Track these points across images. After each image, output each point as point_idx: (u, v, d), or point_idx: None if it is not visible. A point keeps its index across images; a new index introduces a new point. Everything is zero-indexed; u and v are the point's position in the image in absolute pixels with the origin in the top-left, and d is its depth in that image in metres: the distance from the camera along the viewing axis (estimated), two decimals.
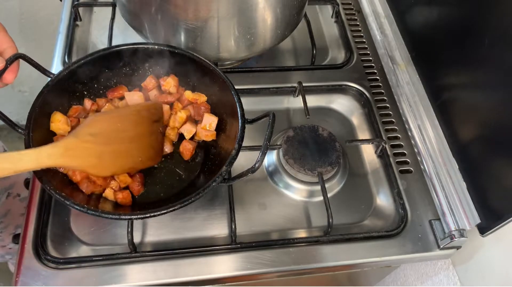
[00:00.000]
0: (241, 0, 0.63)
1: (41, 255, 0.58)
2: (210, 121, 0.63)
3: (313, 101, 0.78)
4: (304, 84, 0.76)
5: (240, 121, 0.58)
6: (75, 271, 0.57)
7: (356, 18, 0.91)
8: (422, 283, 0.76)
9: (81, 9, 0.84)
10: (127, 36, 0.80)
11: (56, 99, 0.59)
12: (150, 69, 0.66)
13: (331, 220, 0.61)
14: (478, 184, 0.63)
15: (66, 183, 0.57)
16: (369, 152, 0.74)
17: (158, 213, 0.51)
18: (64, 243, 0.60)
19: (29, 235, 0.59)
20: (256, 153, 0.70)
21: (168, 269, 0.58)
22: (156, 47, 0.63)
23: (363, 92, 0.79)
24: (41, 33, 1.28)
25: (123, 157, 0.58)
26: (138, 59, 0.65)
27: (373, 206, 0.69)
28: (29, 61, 0.57)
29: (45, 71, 0.59)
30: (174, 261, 0.59)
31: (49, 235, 0.60)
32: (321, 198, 0.64)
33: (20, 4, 1.21)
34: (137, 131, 0.60)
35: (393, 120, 0.76)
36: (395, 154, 0.72)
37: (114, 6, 0.82)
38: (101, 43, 0.83)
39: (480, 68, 0.61)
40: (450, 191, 0.65)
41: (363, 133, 0.76)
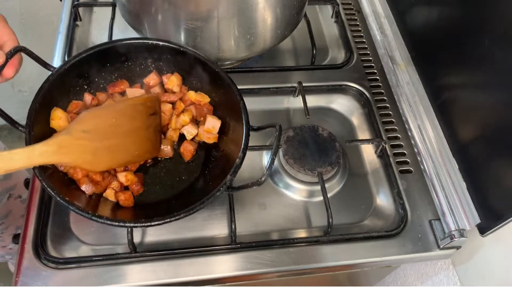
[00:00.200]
0: (241, 0, 0.63)
1: (41, 255, 0.58)
2: (213, 124, 0.63)
3: (313, 101, 0.78)
4: (304, 84, 0.76)
5: (244, 128, 0.57)
6: (75, 271, 0.57)
7: (356, 18, 0.91)
8: (422, 283, 0.76)
9: (81, 9, 0.84)
10: (127, 36, 0.79)
11: (56, 94, 0.59)
12: (153, 65, 0.66)
13: (331, 220, 0.61)
14: (478, 184, 0.63)
15: (66, 182, 0.57)
16: (369, 152, 0.74)
17: (162, 221, 0.50)
18: (64, 243, 0.60)
19: (29, 235, 0.59)
20: (256, 153, 0.71)
21: (168, 269, 0.58)
22: (161, 43, 0.62)
23: (363, 92, 0.79)
24: (41, 33, 1.28)
25: (119, 151, 0.58)
26: (141, 54, 0.64)
27: (373, 206, 0.69)
28: (30, 54, 0.55)
29: (46, 65, 0.58)
30: (174, 261, 0.59)
31: (49, 235, 0.60)
32: (321, 198, 0.64)
33: (20, 4, 1.21)
34: (133, 125, 0.59)
35: (393, 120, 0.76)
36: (395, 154, 0.72)
37: (114, 6, 0.82)
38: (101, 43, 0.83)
39: (480, 68, 0.61)
40: (450, 191, 0.65)
41: (363, 133, 0.76)
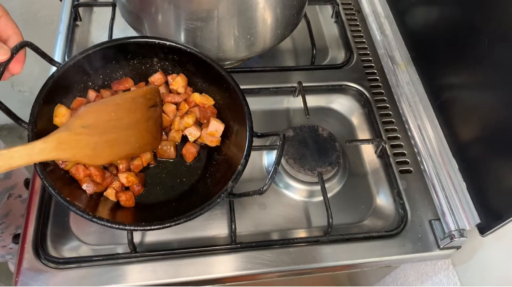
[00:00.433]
0: (241, 0, 0.63)
1: (41, 255, 0.58)
2: (216, 127, 0.62)
3: (313, 101, 0.78)
4: (304, 84, 0.76)
5: (248, 134, 0.56)
6: (75, 271, 0.57)
7: (356, 18, 0.91)
8: (422, 283, 0.76)
9: (81, 9, 0.84)
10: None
11: (60, 91, 0.58)
12: (158, 64, 0.65)
13: (331, 220, 0.61)
14: (478, 184, 0.63)
15: (67, 181, 0.56)
16: (369, 152, 0.74)
17: (162, 226, 0.50)
18: (64, 243, 0.60)
19: (29, 235, 0.59)
20: (256, 153, 0.71)
21: (168, 269, 0.58)
22: (168, 43, 0.61)
23: (363, 92, 0.79)
24: (41, 33, 1.28)
25: (119, 145, 0.58)
26: (147, 53, 0.63)
27: (373, 206, 0.69)
28: (36, 49, 0.55)
29: (51, 60, 0.58)
30: (174, 261, 0.59)
31: (49, 235, 0.60)
32: (321, 198, 0.64)
33: (20, 4, 1.21)
34: (133, 119, 0.59)
35: (393, 120, 0.76)
36: (395, 154, 0.72)
37: (114, 6, 0.82)
38: None
39: (480, 68, 0.61)
40: (450, 191, 0.65)
41: (363, 133, 0.76)
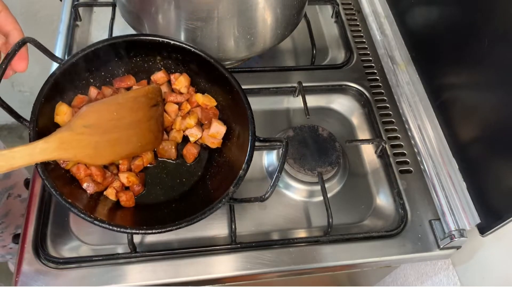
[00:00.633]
0: (241, 0, 0.63)
1: (41, 255, 0.58)
2: (218, 129, 0.62)
3: (313, 101, 0.78)
4: (304, 84, 0.76)
5: (250, 139, 0.56)
6: (75, 271, 0.57)
7: (356, 18, 0.91)
8: (422, 283, 0.76)
9: (81, 9, 0.84)
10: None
11: (62, 88, 0.58)
12: (161, 62, 0.65)
13: (331, 220, 0.61)
14: (478, 184, 0.63)
15: (68, 180, 0.56)
16: (369, 152, 0.74)
17: (164, 230, 0.50)
18: (64, 243, 0.60)
19: (29, 235, 0.59)
20: (256, 153, 0.70)
21: (168, 269, 0.58)
22: (172, 42, 0.60)
23: (363, 92, 0.79)
24: (41, 33, 1.28)
25: (121, 144, 0.58)
26: (150, 51, 0.63)
27: (373, 206, 0.69)
28: (38, 46, 0.54)
29: (53, 57, 0.57)
30: (174, 261, 0.59)
31: (49, 235, 0.60)
32: (321, 198, 0.64)
33: (20, 4, 1.21)
34: (134, 118, 0.59)
35: (393, 120, 0.76)
36: (395, 154, 0.72)
37: (114, 6, 0.82)
38: None
39: (480, 68, 0.61)
40: (450, 191, 0.65)
41: (363, 133, 0.76)
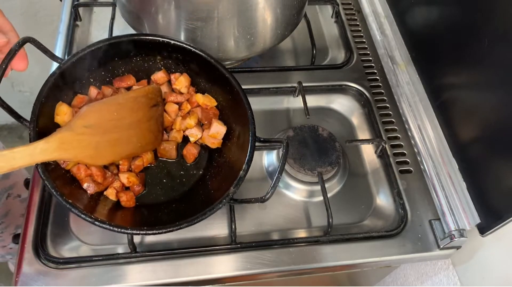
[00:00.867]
0: (241, 0, 0.63)
1: (41, 255, 0.58)
2: (218, 130, 0.62)
3: (313, 101, 0.78)
4: (304, 84, 0.76)
5: (250, 139, 0.56)
6: (75, 271, 0.57)
7: (356, 18, 0.91)
8: (422, 283, 0.76)
9: (81, 9, 0.84)
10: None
11: (62, 88, 0.58)
12: (162, 62, 0.65)
13: (331, 220, 0.61)
14: (478, 184, 0.63)
15: (68, 180, 0.56)
16: (369, 152, 0.74)
17: (164, 231, 0.50)
18: (64, 243, 0.60)
19: (29, 235, 0.59)
20: (256, 153, 0.70)
21: (168, 269, 0.58)
22: (172, 41, 0.61)
23: (363, 92, 0.79)
24: (41, 33, 1.28)
25: (121, 144, 0.58)
26: (151, 50, 0.63)
27: (373, 206, 0.69)
28: (38, 45, 0.54)
29: (53, 56, 0.57)
30: (174, 261, 0.59)
31: (49, 235, 0.60)
32: (321, 198, 0.64)
33: (20, 4, 1.21)
34: (134, 118, 0.59)
35: (393, 120, 0.76)
36: (395, 154, 0.72)
37: (114, 6, 0.82)
38: None
39: (480, 68, 0.61)
40: (450, 191, 0.65)
41: (363, 133, 0.76)
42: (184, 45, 0.61)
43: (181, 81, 0.64)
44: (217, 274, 0.59)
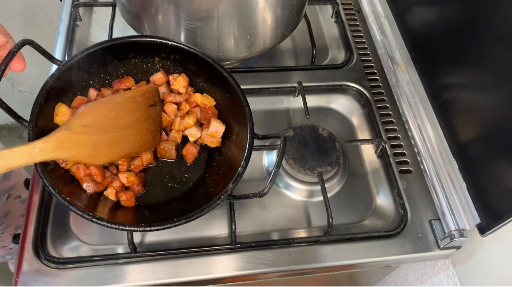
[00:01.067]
0: (241, 0, 0.63)
1: (41, 255, 0.58)
2: (217, 128, 0.62)
3: (313, 101, 0.78)
4: (304, 84, 0.76)
5: (249, 136, 0.56)
6: (75, 271, 0.57)
7: (356, 18, 0.91)
8: (422, 283, 0.76)
9: (81, 9, 0.84)
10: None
11: (61, 89, 0.58)
12: (160, 63, 0.65)
13: (331, 220, 0.61)
14: (478, 184, 0.63)
15: (67, 180, 0.56)
16: (369, 152, 0.74)
17: (162, 227, 0.50)
18: (64, 243, 0.60)
19: (29, 235, 0.59)
20: (256, 153, 0.70)
21: (168, 269, 0.58)
22: (169, 43, 0.61)
23: (363, 92, 0.79)
24: (41, 33, 1.28)
25: (119, 144, 0.58)
26: (149, 52, 0.63)
27: (373, 206, 0.69)
28: (37, 48, 0.55)
29: (52, 59, 0.58)
30: (174, 261, 0.59)
31: (49, 235, 0.60)
32: (321, 198, 0.64)
33: (20, 4, 1.21)
34: (132, 118, 0.59)
35: (393, 120, 0.76)
36: (395, 154, 0.72)
37: (114, 6, 0.82)
38: None
39: (480, 68, 0.61)
40: (450, 191, 0.65)
41: (363, 133, 0.76)
42: (182, 45, 0.61)
43: (180, 81, 0.64)
44: (217, 274, 0.59)
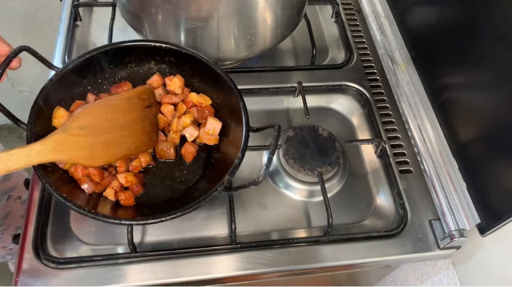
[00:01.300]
0: (241, 0, 0.63)
1: (41, 255, 0.58)
2: (213, 126, 0.63)
3: (313, 101, 0.78)
4: (304, 84, 0.76)
5: (244, 129, 0.57)
6: (75, 271, 0.57)
7: (356, 18, 0.91)
8: (422, 283, 0.76)
9: (81, 9, 0.84)
10: (127, 36, 0.80)
11: (59, 94, 0.59)
12: (156, 67, 0.66)
13: (331, 220, 0.61)
14: (478, 184, 0.63)
15: (66, 180, 0.57)
16: (369, 152, 0.74)
17: (158, 220, 0.51)
18: (64, 243, 0.60)
19: (29, 235, 0.59)
20: (256, 153, 0.71)
21: (168, 269, 0.58)
22: (163, 45, 0.62)
23: (363, 92, 0.79)
24: (41, 33, 1.28)
25: (116, 145, 0.58)
26: (144, 56, 0.64)
27: (373, 206, 0.69)
28: (34, 53, 0.56)
29: (49, 65, 0.58)
30: (174, 261, 0.59)
31: (49, 235, 0.60)
32: (321, 198, 0.64)
33: (20, 4, 1.21)
34: (128, 119, 0.59)
35: (393, 120, 0.76)
36: (395, 154, 0.72)
37: (114, 6, 0.82)
38: (101, 43, 0.83)
39: (480, 68, 0.61)
40: (450, 191, 0.65)
41: (363, 133, 0.76)
42: (175, 47, 0.62)
43: (175, 82, 0.65)
44: (217, 274, 0.59)
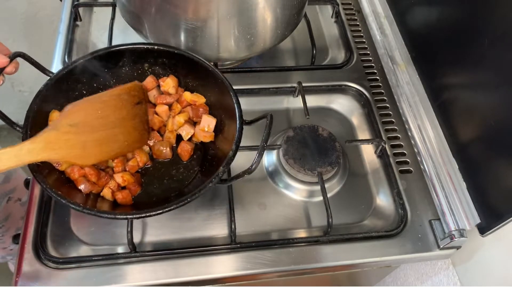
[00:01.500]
0: (241, 0, 0.63)
1: (41, 255, 0.58)
2: (208, 122, 0.63)
3: (313, 101, 0.78)
4: (304, 84, 0.76)
5: (238, 122, 0.58)
6: (75, 271, 0.57)
7: (356, 18, 0.91)
8: (422, 283, 0.76)
9: (81, 9, 0.84)
10: (127, 36, 0.80)
11: (54, 98, 0.59)
12: (150, 69, 0.67)
13: (331, 220, 0.61)
14: (478, 184, 0.63)
15: (64, 182, 0.57)
16: (369, 152, 0.74)
17: (154, 213, 0.51)
18: (64, 243, 0.60)
19: (29, 235, 0.59)
20: (254, 154, 0.70)
21: (168, 269, 0.58)
22: (156, 47, 0.63)
23: (363, 92, 0.79)
24: (41, 33, 1.28)
25: (108, 143, 0.58)
26: (137, 59, 0.65)
27: (373, 206, 0.69)
28: (29, 59, 0.57)
29: (44, 70, 0.59)
30: (174, 261, 0.59)
31: (49, 235, 0.60)
32: (321, 198, 0.64)
33: (20, 4, 1.21)
34: (119, 116, 0.59)
35: (393, 120, 0.76)
36: (395, 154, 0.72)
37: (114, 6, 0.82)
38: (101, 43, 0.83)
39: (480, 68, 0.61)
40: (450, 191, 0.65)
41: (363, 133, 0.76)
42: (167, 48, 0.63)
43: (168, 82, 0.65)
44: (217, 274, 0.59)
